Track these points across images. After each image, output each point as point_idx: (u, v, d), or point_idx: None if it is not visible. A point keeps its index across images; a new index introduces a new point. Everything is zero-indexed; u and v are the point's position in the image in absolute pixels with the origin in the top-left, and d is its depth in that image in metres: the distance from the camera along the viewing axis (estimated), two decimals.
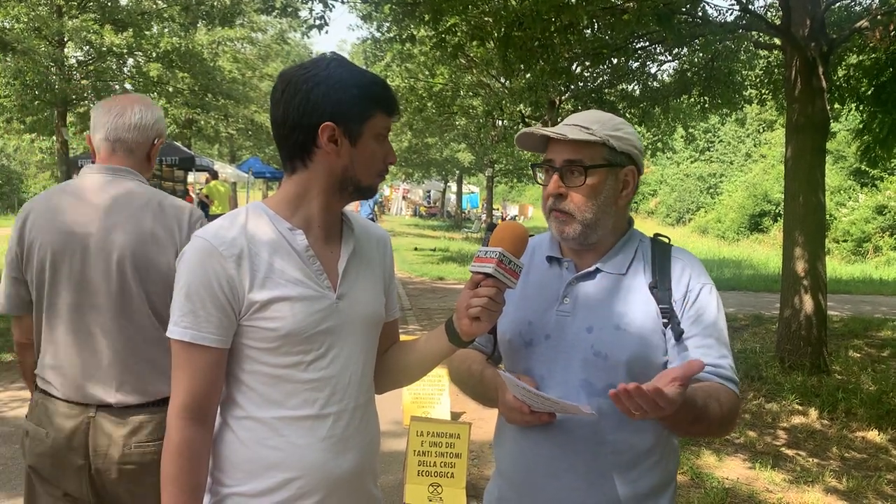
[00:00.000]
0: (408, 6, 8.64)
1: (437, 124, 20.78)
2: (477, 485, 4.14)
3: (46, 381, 2.03)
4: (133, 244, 2.00)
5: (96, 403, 1.99)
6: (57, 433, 1.98)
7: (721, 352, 1.52)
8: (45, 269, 2.01)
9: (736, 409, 1.51)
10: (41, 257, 2.01)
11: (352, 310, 1.53)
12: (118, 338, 2.00)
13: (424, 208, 45.06)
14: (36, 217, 2.04)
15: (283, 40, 32.74)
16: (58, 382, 2.01)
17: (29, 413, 2.09)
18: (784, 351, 6.95)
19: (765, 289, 13.34)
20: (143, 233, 2.01)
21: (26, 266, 2.04)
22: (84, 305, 2.00)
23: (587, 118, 1.57)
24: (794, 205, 6.91)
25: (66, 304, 2.00)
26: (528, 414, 1.48)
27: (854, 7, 9.56)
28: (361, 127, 1.45)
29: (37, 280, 2.02)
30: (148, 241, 2.02)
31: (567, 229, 1.55)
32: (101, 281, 1.99)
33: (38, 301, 2.04)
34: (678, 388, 1.23)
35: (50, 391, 2.02)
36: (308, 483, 1.47)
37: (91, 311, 2.00)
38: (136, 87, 16.98)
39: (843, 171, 27.28)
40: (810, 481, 4.45)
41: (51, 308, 2.02)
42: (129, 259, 2.00)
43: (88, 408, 1.98)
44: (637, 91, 12.30)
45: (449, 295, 12.06)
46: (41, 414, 2.02)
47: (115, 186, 2.05)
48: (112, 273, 1.99)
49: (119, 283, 2.00)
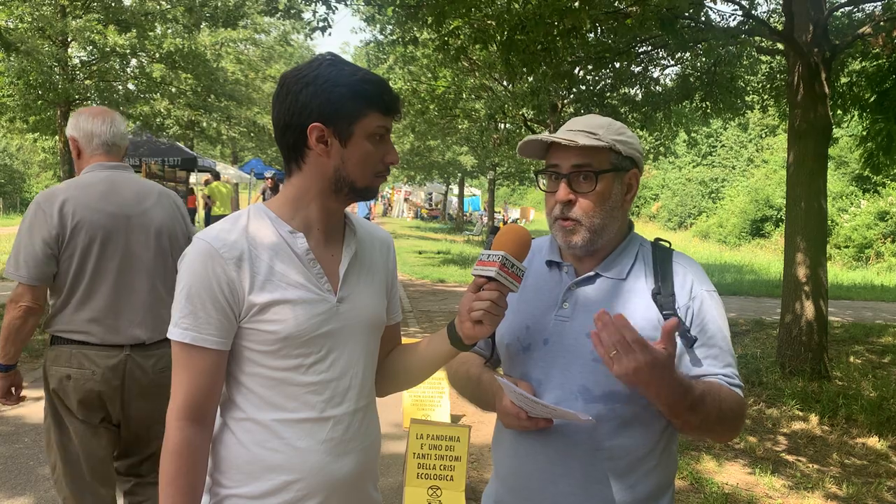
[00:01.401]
0: (411, 9, 8.65)
1: (440, 127, 20.77)
2: (476, 488, 4.14)
3: (84, 333, 2.55)
4: (166, 221, 2.69)
5: (131, 343, 2.59)
6: (104, 369, 2.56)
7: (727, 360, 1.53)
8: (92, 243, 2.54)
9: (739, 411, 1.50)
10: (90, 235, 2.53)
11: (352, 313, 1.52)
12: (151, 292, 2.64)
13: (426, 211, 45.07)
14: (76, 204, 2.53)
15: (286, 42, 32.77)
16: (98, 331, 2.56)
17: (59, 363, 2.56)
18: (785, 356, 6.95)
19: (766, 294, 13.33)
20: (169, 213, 2.72)
21: (68, 243, 2.51)
22: (127, 270, 2.60)
23: (590, 123, 1.56)
24: (795, 210, 6.91)
25: (114, 270, 2.58)
26: (525, 420, 1.48)
27: (857, 13, 9.55)
28: (351, 127, 1.43)
29: (81, 254, 2.53)
30: (174, 218, 2.73)
31: (574, 238, 1.54)
32: (143, 250, 2.63)
33: (79, 271, 2.54)
34: (661, 348, 1.31)
35: (88, 340, 2.55)
36: (308, 486, 1.47)
37: (132, 274, 2.61)
38: (139, 88, 17.00)
39: (845, 177, 27.24)
40: (810, 487, 4.44)
41: (96, 274, 2.56)
42: (165, 232, 2.68)
43: (124, 348, 2.58)
44: (639, 95, 12.28)
45: (450, 297, 12.06)
46: (82, 359, 2.55)
47: (130, 179, 2.69)
48: (151, 244, 2.64)
49: (156, 251, 2.65)
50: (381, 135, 1.47)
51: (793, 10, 6.85)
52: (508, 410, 1.50)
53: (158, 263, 2.67)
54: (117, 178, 2.65)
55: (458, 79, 17.61)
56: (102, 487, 2.68)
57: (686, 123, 15.75)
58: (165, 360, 2.64)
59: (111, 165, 2.66)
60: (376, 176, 1.50)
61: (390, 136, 1.51)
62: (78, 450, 2.64)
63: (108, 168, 2.65)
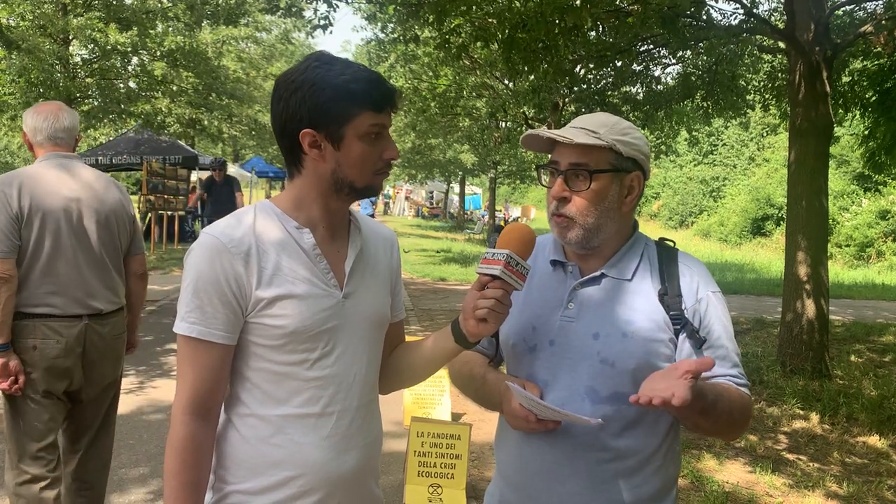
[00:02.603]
0: (412, 7, 8.65)
1: (441, 125, 20.78)
2: (477, 486, 4.14)
3: (46, 306, 2.81)
4: (114, 205, 3.00)
5: (90, 312, 2.89)
6: (67, 338, 2.83)
7: (733, 360, 1.53)
8: (48, 223, 2.78)
9: (746, 411, 1.51)
10: (47, 216, 2.78)
11: (357, 309, 1.53)
12: (103, 266, 2.96)
13: (427, 209, 45.06)
14: (31, 189, 2.77)
15: (287, 40, 32.77)
16: (60, 303, 2.82)
17: (26, 334, 2.79)
18: (785, 355, 6.95)
19: (767, 293, 13.32)
20: (116, 198, 3.03)
21: (27, 223, 2.75)
22: (80, 247, 2.87)
23: (594, 122, 1.55)
24: (796, 209, 6.91)
25: (70, 247, 2.84)
26: (534, 422, 1.47)
27: (858, 12, 9.54)
28: (342, 129, 1.42)
29: (37, 233, 2.77)
30: (120, 202, 3.04)
31: (569, 234, 1.54)
32: (94, 230, 2.92)
33: (37, 249, 2.78)
34: (690, 380, 1.28)
35: (51, 313, 2.81)
36: (310, 481, 1.47)
37: (85, 251, 2.89)
38: (140, 86, 17.01)
39: (847, 176, 27.22)
40: (811, 486, 4.45)
41: (54, 251, 2.81)
42: (113, 215, 2.99)
43: (82, 318, 2.87)
44: (640, 94, 12.28)
45: (451, 296, 12.06)
46: (46, 330, 2.81)
47: (79, 168, 2.97)
48: (102, 224, 2.95)
49: (106, 230, 2.96)
50: (377, 133, 1.45)
51: (794, 8, 6.85)
52: (517, 413, 1.49)
53: (107, 241, 2.98)
54: (67, 166, 2.93)
55: (459, 77, 17.61)
56: (45, 465, 2.88)
57: (687, 122, 15.74)
58: (119, 328, 3.06)
59: (60, 155, 2.92)
60: (376, 174, 1.49)
61: (388, 131, 1.49)
62: (28, 426, 2.86)
63: (59, 157, 2.92)
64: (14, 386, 2.78)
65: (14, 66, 14.41)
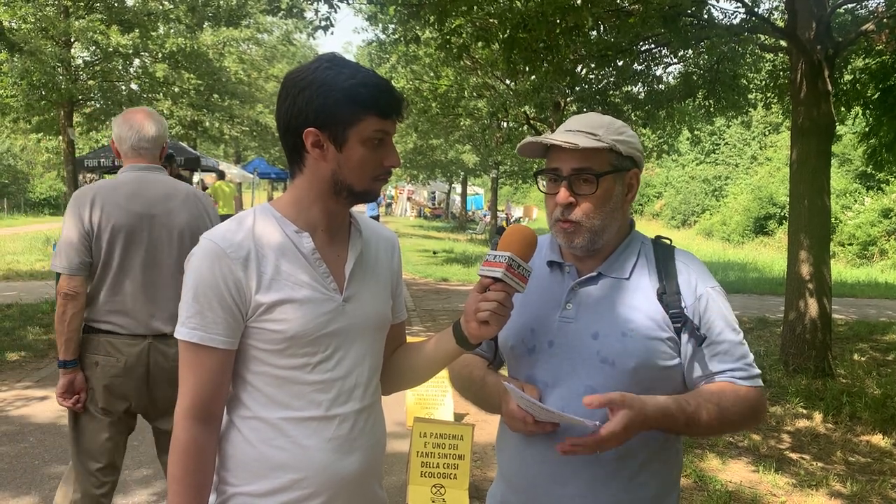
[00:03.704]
0: (413, 7, 8.64)
1: (442, 126, 20.78)
2: (480, 486, 4.15)
3: (110, 324, 2.74)
4: (189, 220, 2.83)
5: (154, 334, 2.76)
6: (128, 357, 2.74)
7: (738, 352, 1.52)
8: (117, 240, 2.71)
9: (748, 409, 1.49)
10: (115, 232, 2.71)
11: (358, 312, 1.53)
12: (173, 288, 2.76)
13: (429, 209, 45.07)
14: (103, 202, 2.71)
15: (288, 41, 32.79)
16: (124, 322, 2.74)
17: (90, 349, 2.75)
18: (788, 354, 6.94)
19: (769, 292, 13.31)
20: (194, 213, 2.86)
21: (97, 238, 2.70)
22: (151, 265, 2.77)
23: (589, 123, 1.54)
24: (799, 208, 6.90)
25: (138, 265, 2.75)
26: (532, 424, 1.47)
27: (859, 11, 9.53)
28: (346, 132, 1.42)
29: (107, 249, 2.71)
30: (199, 218, 2.87)
31: (576, 239, 1.53)
32: (165, 248, 2.79)
33: (106, 265, 2.72)
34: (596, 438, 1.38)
35: (115, 331, 2.74)
36: (313, 484, 1.47)
37: (156, 269, 2.78)
38: (142, 88, 17.04)
39: (849, 175, 27.18)
40: (814, 485, 4.44)
41: (121, 268, 2.74)
42: (188, 232, 2.82)
43: (147, 338, 2.76)
44: (642, 93, 12.26)
45: (453, 296, 12.06)
46: (109, 348, 2.74)
47: (158, 181, 2.84)
48: (174, 242, 2.80)
49: (178, 249, 2.79)
50: (380, 139, 1.45)
51: (795, 7, 6.84)
52: (515, 415, 1.49)
53: (181, 261, 2.78)
54: (146, 179, 2.82)
55: (460, 77, 17.62)
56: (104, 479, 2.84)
57: (689, 121, 15.72)
58: None
59: (141, 167, 2.83)
60: (375, 180, 1.48)
61: (391, 139, 1.49)
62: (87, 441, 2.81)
63: (139, 169, 2.82)
64: (77, 405, 2.75)
65: (16, 68, 14.44)
